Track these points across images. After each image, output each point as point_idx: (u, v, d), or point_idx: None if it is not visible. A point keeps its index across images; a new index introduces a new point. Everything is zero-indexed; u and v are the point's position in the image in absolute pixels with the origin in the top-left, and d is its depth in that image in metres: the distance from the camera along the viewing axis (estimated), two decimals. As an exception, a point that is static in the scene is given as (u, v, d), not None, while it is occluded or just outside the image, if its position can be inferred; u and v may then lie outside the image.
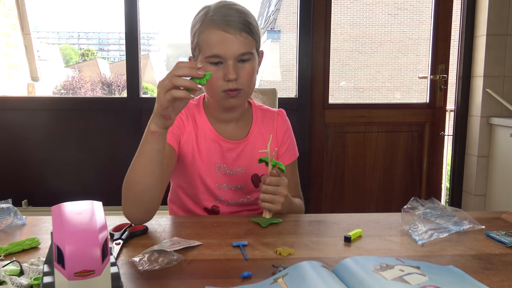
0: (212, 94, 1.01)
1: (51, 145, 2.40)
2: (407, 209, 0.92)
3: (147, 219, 0.91)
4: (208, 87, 1.00)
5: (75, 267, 0.49)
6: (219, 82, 0.95)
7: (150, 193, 0.87)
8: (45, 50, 19.20)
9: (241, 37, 0.93)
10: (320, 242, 0.82)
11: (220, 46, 0.92)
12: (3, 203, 0.93)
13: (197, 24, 0.97)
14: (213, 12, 0.95)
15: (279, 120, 1.13)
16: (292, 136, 1.15)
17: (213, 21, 0.94)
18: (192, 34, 0.99)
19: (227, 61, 0.94)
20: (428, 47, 2.54)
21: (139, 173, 0.86)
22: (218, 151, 1.06)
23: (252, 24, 0.97)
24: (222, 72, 0.94)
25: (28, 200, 2.42)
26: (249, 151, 1.07)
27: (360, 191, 2.56)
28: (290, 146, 1.13)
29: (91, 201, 0.57)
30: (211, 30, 0.93)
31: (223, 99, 0.98)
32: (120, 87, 16.66)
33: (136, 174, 0.86)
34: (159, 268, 0.69)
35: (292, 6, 12.12)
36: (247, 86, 0.98)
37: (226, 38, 0.92)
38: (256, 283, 0.63)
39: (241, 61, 0.95)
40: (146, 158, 0.85)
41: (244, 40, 0.94)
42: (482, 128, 2.41)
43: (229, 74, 0.93)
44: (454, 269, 0.68)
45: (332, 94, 2.55)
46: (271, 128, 1.11)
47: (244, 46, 0.94)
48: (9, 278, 0.62)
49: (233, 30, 0.92)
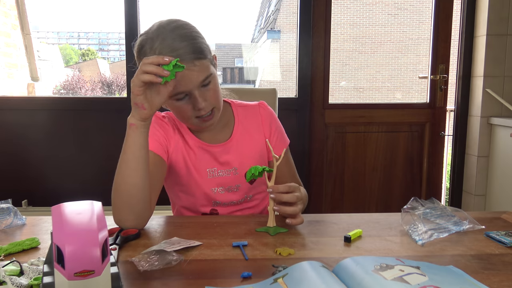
0: (187, 123, 1.02)
1: (51, 145, 2.40)
2: (407, 209, 0.92)
3: (140, 225, 0.88)
4: (181, 118, 1.01)
5: (75, 267, 0.49)
6: (190, 112, 0.96)
7: (137, 193, 0.86)
8: (45, 50, 19.19)
9: (196, 66, 0.91)
10: (320, 242, 0.82)
11: (181, 82, 0.90)
12: (3, 203, 0.93)
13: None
14: (159, 47, 0.90)
15: (262, 112, 1.12)
16: (279, 123, 1.14)
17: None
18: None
19: (193, 92, 0.92)
20: (428, 47, 2.55)
21: (124, 171, 0.86)
22: (207, 156, 1.05)
23: (199, 43, 0.93)
24: (190, 102, 0.94)
25: (28, 200, 2.42)
26: (237, 150, 1.07)
27: (360, 191, 2.56)
28: (279, 135, 1.12)
29: (91, 201, 0.57)
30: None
31: (199, 124, 0.99)
32: (120, 87, 16.66)
33: (121, 173, 0.87)
34: (159, 268, 0.69)
35: (292, 6, 12.13)
36: (217, 103, 0.99)
37: (183, 74, 0.88)
38: (256, 283, 0.63)
39: (203, 86, 0.94)
40: (129, 154, 0.86)
41: (200, 67, 0.91)
42: (482, 128, 2.41)
43: (198, 104, 0.93)
44: (454, 269, 0.68)
45: (332, 94, 2.55)
46: (255, 122, 1.10)
47: (203, 73, 0.92)
48: (9, 278, 0.62)
49: (188, 63, 0.89)
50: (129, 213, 0.87)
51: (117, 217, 0.87)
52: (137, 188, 0.86)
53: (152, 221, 0.93)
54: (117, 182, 0.87)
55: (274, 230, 0.87)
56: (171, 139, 1.04)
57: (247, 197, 1.09)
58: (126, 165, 0.86)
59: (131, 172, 0.86)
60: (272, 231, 0.86)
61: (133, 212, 0.87)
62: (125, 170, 0.86)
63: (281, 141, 1.13)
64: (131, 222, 0.87)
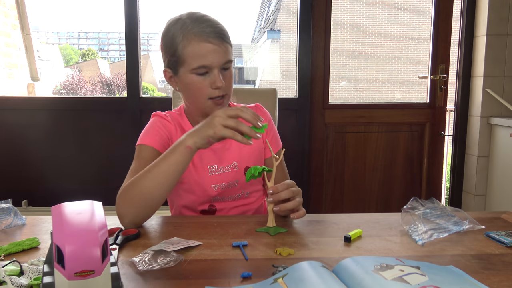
0: (198, 103, 1.03)
1: (51, 145, 2.40)
2: (407, 209, 0.92)
3: (140, 223, 0.91)
4: (194, 96, 1.02)
5: (75, 267, 0.49)
6: (206, 90, 0.99)
7: (159, 200, 0.89)
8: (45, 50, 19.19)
9: (224, 46, 0.98)
10: (320, 242, 0.82)
11: (207, 57, 0.96)
12: (3, 203, 0.93)
13: (177, 37, 0.97)
14: (191, 25, 0.97)
15: (259, 112, 1.16)
16: (274, 126, 1.19)
17: (195, 34, 0.96)
18: (169, 48, 1.00)
19: (213, 70, 0.98)
20: (428, 47, 2.55)
21: (157, 179, 0.87)
22: (209, 153, 1.07)
23: (227, 33, 1.02)
24: (209, 81, 0.98)
25: (28, 200, 2.42)
26: (238, 146, 1.09)
27: (360, 191, 2.56)
28: (274, 138, 1.16)
29: (91, 201, 0.57)
30: (196, 43, 0.96)
31: (209, 108, 1.01)
32: (120, 87, 16.66)
33: (153, 180, 0.87)
34: (159, 268, 0.69)
35: (292, 6, 12.13)
36: (230, 91, 1.03)
37: (211, 49, 0.96)
38: (256, 283, 0.63)
39: (223, 69, 0.99)
40: (163, 168, 0.86)
41: (226, 49, 0.99)
42: (482, 128, 2.41)
43: (218, 82, 0.97)
44: (454, 269, 0.68)
45: (332, 94, 2.55)
46: None
47: (227, 55, 0.99)
48: (9, 278, 0.62)
49: (217, 41, 0.96)
50: (141, 213, 0.90)
51: (126, 213, 0.89)
52: (161, 196, 0.89)
53: (152, 221, 0.93)
54: (143, 185, 0.87)
55: (274, 230, 0.87)
56: (173, 137, 1.06)
57: (244, 193, 1.12)
58: (155, 177, 0.87)
59: (156, 185, 0.87)
60: (272, 231, 0.87)
61: (145, 213, 0.90)
62: (151, 181, 0.87)
63: (276, 142, 1.17)
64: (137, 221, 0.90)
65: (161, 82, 26.48)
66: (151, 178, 0.87)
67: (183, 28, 0.97)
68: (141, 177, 0.88)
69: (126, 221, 0.88)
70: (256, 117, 0.82)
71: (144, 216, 0.91)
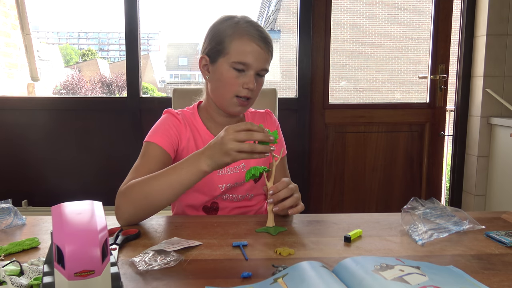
0: (224, 96, 1.04)
1: (51, 145, 2.40)
2: (407, 209, 0.92)
3: (136, 223, 0.91)
4: (223, 88, 1.03)
5: (75, 267, 0.49)
6: (237, 87, 1.01)
7: (161, 207, 0.90)
8: (45, 50, 19.20)
9: (267, 54, 1.02)
10: (320, 242, 0.82)
11: (250, 56, 0.99)
12: (3, 203, 0.93)
13: (228, 30, 1.01)
14: (245, 24, 1.01)
15: (268, 119, 1.19)
16: (281, 134, 1.21)
17: (247, 32, 1.00)
18: (216, 37, 1.02)
19: (250, 71, 1.00)
20: (428, 47, 2.55)
21: (164, 190, 0.87)
22: None
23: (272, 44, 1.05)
24: (242, 79, 1.01)
25: (28, 200, 2.42)
26: None
27: (360, 191, 2.56)
28: (280, 143, 1.18)
29: (91, 201, 0.57)
30: (246, 41, 0.99)
31: (232, 105, 1.03)
32: (120, 87, 16.66)
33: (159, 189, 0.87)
34: (159, 268, 0.69)
35: (292, 6, 12.13)
36: (255, 96, 1.06)
37: (256, 51, 0.99)
38: (256, 283, 0.63)
39: (257, 75, 1.02)
40: (179, 182, 0.86)
41: (268, 58, 1.03)
42: (482, 128, 2.41)
43: (250, 84, 1.00)
44: (454, 269, 0.68)
45: (332, 94, 2.55)
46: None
47: (267, 63, 1.03)
48: (9, 278, 0.62)
49: (264, 46, 1.00)
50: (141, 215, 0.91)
51: (127, 213, 0.89)
52: (156, 207, 0.90)
53: (152, 221, 0.93)
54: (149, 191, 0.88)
55: (275, 229, 0.87)
56: (183, 136, 1.07)
57: (248, 195, 1.12)
58: (162, 187, 0.87)
59: (162, 195, 0.88)
60: (272, 230, 0.87)
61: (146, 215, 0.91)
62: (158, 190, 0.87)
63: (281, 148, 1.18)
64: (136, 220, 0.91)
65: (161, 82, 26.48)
66: (158, 186, 0.87)
67: (236, 24, 1.01)
68: (148, 182, 0.88)
69: (123, 218, 0.89)
70: (266, 134, 0.82)
71: (142, 218, 0.91)
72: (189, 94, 1.40)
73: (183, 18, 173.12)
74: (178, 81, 29.33)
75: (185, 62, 33.75)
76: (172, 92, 1.44)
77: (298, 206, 0.90)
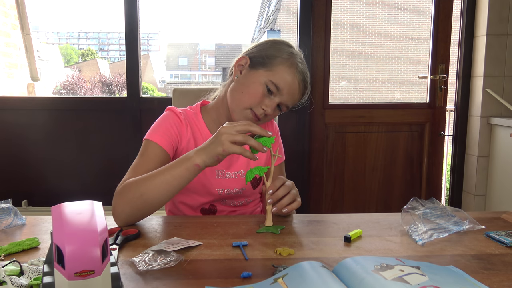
0: (240, 103, 1.02)
1: (51, 145, 2.40)
2: (407, 209, 0.92)
3: (133, 223, 0.91)
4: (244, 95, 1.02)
5: (75, 267, 0.49)
6: (257, 102, 1.01)
7: (157, 206, 0.89)
8: (45, 50, 19.19)
9: (298, 95, 1.05)
10: (320, 242, 0.82)
11: (287, 87, 1.01)
12: (3, 203, 0.93)
13: (283, 53, 1.03)
14: (299, 60, 1.05)
15: (269, 125, 1.19)
16: (280, 139, 1.22)
17: (296, 67, 1.03)
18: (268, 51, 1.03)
19: (276, 98, 1.01)
20: (428, 47, 2.54)
21: (159, 189, 0.87)
22: None
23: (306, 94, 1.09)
24: (266, 100, 1.01)
25: (28, 200, 2.42)
26: None
27: (360, 191, 2.56)
28: (279, 149, 1.18)
29: (91, 201, 0.57)
30: (292, 73, 1.02)
31: (243, 115, 1.03)
32: (120, 87, 16.65)
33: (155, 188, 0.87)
34: (159, 268, 0.69)
35: (292, 6, 12.14)
36: (264, 122, 1.09)
37: (293, 86, 1.02)
38: (256, 283, 0.63)
39: (278, 106, 1.03)
40: (173, 179, 0.86)
41: (297, 99, 1.05)
42: (482, 128, 2.41)
43: (269, 108, 1.01)
44: (454, 269, 0.68)
45: (332, 94, 2.55)
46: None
47: (293, 102, 1.05)
48: (9, 278, 0.62)
49: (301, 87, 1.04)
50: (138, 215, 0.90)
51: (123, 212, 0.89)
52: (152, 207, 0.89)
53: (152, 221, 0.93)
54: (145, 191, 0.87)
55: (275, 228, 0.88)
56: (183, 136, 1.06)
57: (247, 201, 1.13)
58: (157, 185, 0.87)
59: (157, 194, 0.87)
60: (274, 229, 0.87)
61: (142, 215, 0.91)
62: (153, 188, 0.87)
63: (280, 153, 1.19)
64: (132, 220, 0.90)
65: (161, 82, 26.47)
66: (154, 185, 0.87)
67: (292, 54, 1.03)
68: (144, 181, 0.88)
69: (120, 218, 0.89)
70: (264, 129, 0.84)
71: (139, 218, 0.91)
72: (189, 94, 1.40)
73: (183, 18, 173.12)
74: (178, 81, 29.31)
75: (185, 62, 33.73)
76: (172, 92, 1.44)
77: (294, 202, 0.90)
